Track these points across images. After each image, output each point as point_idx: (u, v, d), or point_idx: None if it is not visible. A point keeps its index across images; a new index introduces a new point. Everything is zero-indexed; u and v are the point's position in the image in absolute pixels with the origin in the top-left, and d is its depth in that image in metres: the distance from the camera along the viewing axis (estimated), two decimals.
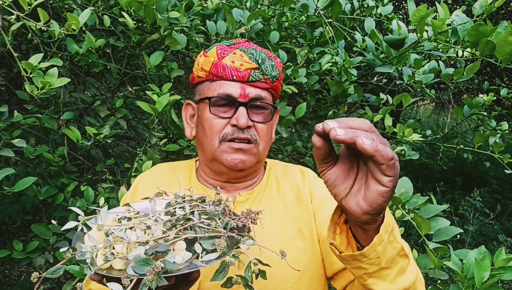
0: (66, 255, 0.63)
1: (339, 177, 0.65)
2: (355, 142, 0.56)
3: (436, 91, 4.79)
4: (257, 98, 0.97)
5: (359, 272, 0.71)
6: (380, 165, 0.58)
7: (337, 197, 0.66)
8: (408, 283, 0.74)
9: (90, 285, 0.99)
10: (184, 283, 0.72)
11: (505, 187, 6.29)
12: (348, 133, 0.56)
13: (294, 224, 1.01)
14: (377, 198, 0.61)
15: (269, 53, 1.01)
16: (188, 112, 1.08)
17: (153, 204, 0.76)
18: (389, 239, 0.68)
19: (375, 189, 0.60)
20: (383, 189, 0.60)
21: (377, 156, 0.56)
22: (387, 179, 0.59)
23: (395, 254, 0.71)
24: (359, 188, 0.64)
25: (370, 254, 0.68)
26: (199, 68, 1.01)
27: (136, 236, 0.68)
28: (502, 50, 1.22)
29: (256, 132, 0.97)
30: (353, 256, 0.69)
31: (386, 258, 0.69)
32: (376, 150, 0.56)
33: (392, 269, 0.72)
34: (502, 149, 1.77)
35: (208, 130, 0.97)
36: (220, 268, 0.65)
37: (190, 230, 0.70)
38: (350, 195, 0.64)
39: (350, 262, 0.70)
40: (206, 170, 1.05)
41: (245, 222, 0.74)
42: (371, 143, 0.55)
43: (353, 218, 0.66)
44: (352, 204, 0.64)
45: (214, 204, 0.80)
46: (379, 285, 0.72)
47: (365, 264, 0.69)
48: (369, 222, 0.65)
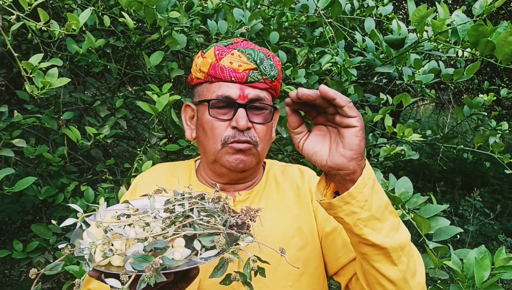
0: (64, 251, 0.63)
1: (317, 144, 0.77)
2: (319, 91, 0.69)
3: (436, 91, 4.79)
4: (256, 99, 0.96)
5: (352, 218, 0.76)
6: (342, 107, 0.70)
7: (321, 161, 0.76)
8: (402, 240, 0.80)
9: (89, 285, 0.99)
10: (183, 280, 0.72)
11: (505, 187, 6.29)
12: (311, 90, 0.70)
13: (293, 222, 1.01)
14: (353, 139, 0.71)
15: (268, 52, 1.00)
16: (188, 113, 1.08)
17: (152, 201, 0.76)
18: (373, 188, 0.76)
19: (349, 133, 0.71)
20: (354, 129, 0.71)
21: (338, 98, 0.69)
22: (354, 119, 0.71)
23: (383, 206, 0.78)
24: (336, 144, 0.75)
25: (357, 195, 0.75)
26: (197, 70, 1.01)
27: (135, 232, 0.68)
28: (502, 50, 1.22)
29: (255, 133, 0.97)
30: (342, 198, 0.75)
31: (375, 205, 0.76)
32: (336, 93, 0.69)
33: (384, 222, 0.78)
34: (502, 149, 1.77)
35: (210, 133, 0.97)
36: (219, 265, 0.65)
37: (189, 227, 0.70)
38: (332, 153, 0.75)
39: (342, 208, 0.76)
40: (208, 171, 1.05)
41: (244, 220, 0.74)
42: (331, 89, 0.69)
43: (343, 172, 0.74)
44: (337, 158, 0.74)
45: (214, 201, 0.80)
46: (374, 235, 0.77)
47: (355, 207, 0.75)
48: (356, 169, 0.74)
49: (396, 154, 1.73)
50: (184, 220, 0.71)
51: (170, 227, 0.69)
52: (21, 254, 1.55)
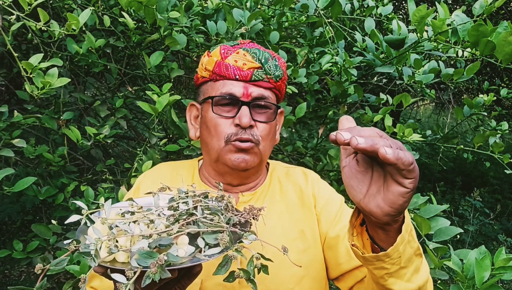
0: (70, 247, 0.64)
1: (354, 178, 0.66)
2: (377, 151, 0.56)
3: (436, 91, 4.79)
4: (260, 97, 0.97)
5: (380, 272, 0.72)
6: (401, 171, 0.58)
7: (355, 198, 0.66)
8: (422, 282, 0.77)
9: (91, 283, 0.99)
10: (186, 277, 0.72)
11: (505, 187, 6.29)
12: (368, 141, 0.56)
13: (296, 225, 1.01)
14: (398, 199, 0.61)
15: (273, 53, 1.01)
16: (192, 113, 1.08)
17: (156, 199, 0.77)
18: (408, 239, 0.70)
19: (396, 191, 0.61)
20: (404, 190, 0.61)
21: (399, 163, 0.57)
22: (408, 181, 0.60)
23: (413, 253, 0.73)
24: (377, 190, 0.64)
25: (393, 254, 0.69)
26: (203, 68, 1.01)
27: (139, 229, 0.68)
28: (502, 50, 1.22)
29: (258, 132, 0.97)
30: (377, 257, 0.70)
31: (406, 257, 0.71)
32: (398, 158, 0.56)
33: (409, 268, 0.73)
34: (502, 149, 1.77)
35: (213, 130, 0.97)
36: (223, 262, 0.65)
37: (193, 225, 0.70)
38: (368, 197, 0.65)
39: (373, 263, 0.71)
40: (210, 171, 1.05)
41: (247, 218, 0.74)
42: (392, 152, 0.56)
43: (374, 219, 0.66)
44: (373, 206, 0.64)
45: (217, 200, 0.80)
46: (397, 284, 0.74)
47: (387, 264, 0.70)
48: (390, 223, 0.66)
49: None
50: (188, 218, 0.71)
51: (174, 224, 0.69)
52: (21, 254, 1.55)
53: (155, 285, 0.64)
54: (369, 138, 0.57)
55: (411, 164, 0.58)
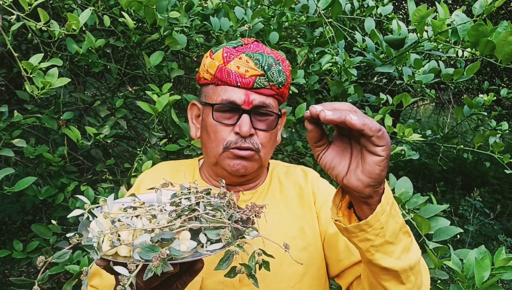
0: (72, 240, 0.64)
1: (335, 158, 0.70)
2: (344, 120, 0.61)
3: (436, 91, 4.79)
4: (261, 105, 0.95)
5: (365, 245, 0.73)
6: (370, 137, 0.63)
7: (338, 178, 0.70)
8: (413, 261, 0.78)
9: (91, 282, 0.99)
10: (187, 273, 0.72)
11: (505, 187, 6.29)
12: (335, 113, 0.62)
13: (296, 223, 1.01)
14: (374, 168, 0.65)
15: (277, 56, 0.99)
16: (194, 112, 1.08)
17: (159, 194, 0.77)
18: (390, 212, 0.72)
19: (371, 161, 0.65)
20: (378, 158, 0.65)
21: (366, 129, 0.61)
22: (380, 148, 0.64)
23: (398, 229, 0.74)
24: (356, 164, 0.68)
25: (374, 223, 0.70)
26: (204, 70, 1.00)
27: (142, 224, 0.68)
28: (502, 50, 1.22)
29: (258, 140, 0.96)
30: (358, 226, 0.72)
31: (390, 230, 0.72)
32: (364, 124, 0.61)
33: (397, 245, 0.75)
34: (502, 149, 1.77)
35: (213, 135, 0.97)
36: (225, 257, 0.65)
37: (195, 221, 0.70)
38: (350, 173, 0.69)
39: (356, 234, 0.73)
40: (210, 171, 1.06)
41: (249, 215, 0.74)
42: (358, 118, 0.61)
43: (357, 194, 0.69)
44: (353, 180, 0.68)
45: (219, 197, 0.80)
46: (385, 260, 0.75)
47: (370, 234, 0.72)
48: (372, 195, 0.69)
49: (396, 154, 1.73)
50: (190, 213, 0.72)
51: (176, 220, 0.69)
52: (21, 254, 1.55)
53: (156, 279, 0.65)
54: (337, 111, 0.62)
55: (379, 130, 0.62)
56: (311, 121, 0.68)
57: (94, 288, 1.00)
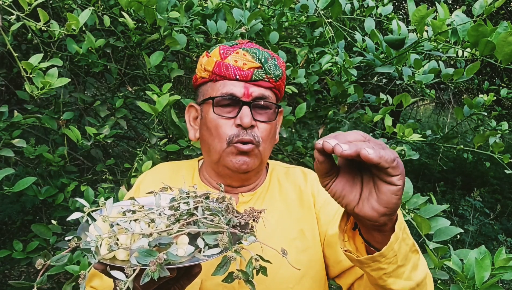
0: (71, 243, 0.64)
1: (346, 187, 0.66)
2: (360, 154, 0.57)
3: (436, 91, 4.79)
4: (261, 97, 0.97)
5: (378, 273, 0.72)
6: (386, 169, 0.60)
7: (349, 206, 0.67)
8: (420, 278, 0.77)
9: (91, 283, 0.99)
10: (185, 278, 0.72)
11: (505, 187, 6.29)
12: (352, 147, 0.58)
13: (296, 225, 1.01)
14: (391, 198, 0.62)
15: (272, 53, 1.01)
16: (191, 114, 1.08)
17: (158, 198, 0.77)
18: (402, 236, 0.70)
19: (388, 190, 0.62)
20: (394, 188, 0.61)
21: (382, 162, 0.58)
22: (395, 178, 0.61)
23: (408, 250, 0.73)
24: (369, 192, 0.65)
25: (388, 253, 0.69)
26: (201, 69, 1.01)
27: (140, 228, 0.69)
28: (502, 50, 1.22)
29: (259, 133, 0.96)
30: (372, 258, 0.70)
31: (402, 255, 0.71)
32: (380, 157, 0.58)
33: (407, 266, 0.74)
34: (502, 149, 1.77)
35: (214, 131, 0.97)
36: (222, 263, 0.65)
37: (193, 225, 0.71)
38: (362, 202, 0.65)
39: (369, 265, 0.71)
40: (211, 172, 1.05)
41: (247, 220, 0.74)
42: (374, 152, 0.58)
43: (370, 223, 0.66)
44: (367, 210, 0.64)
45: (218, 201, 0.80)
46: (397, 283, 0.74)
47: (384, 264, 0.70)
48: (386, 223, 0.66)
49: None
50: (189, 218, 0.72)
51: (175, 224, 0.69)
52: (21, 254, 1.55)
53: (154, 284, 0.65)
54: (352, 144, 0.59)
55: (393, 161, 0.59)
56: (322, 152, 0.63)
57: (94, 289, 1.00)
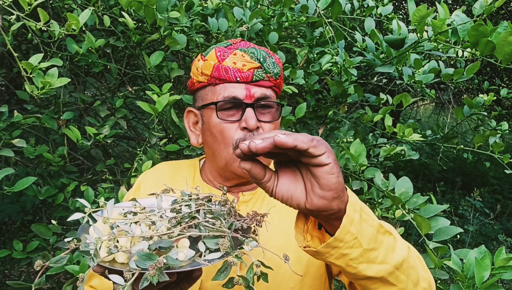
0: (70, 245, 0.64)
1: (290, 187, 0.65)
2: (274, 142, 0.57)
3: (436, 91, 4.79)
4: (263, 97, 0.96)
5: (344, 260, 0.68)
6: (306, 150, 0.58)
7: (300, 205, 0.64)
8: (399, 259, 0.73)
9: (91, 282, 0.99)
10: (185, 281, 0.72)
11: (505, 187, 6.29)
12: (266, 140, 0.58)
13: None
14: (329, 178, 0.60)
15: (268, 50, 1.00)
16: (191, 119, 1.06)
17: (159, 200, 0.77)
18: (361, 218, 0.67)
19: (322, 172, 0.60)
20: (326, 167, 0.59)
21: (298, 144, 0.57)
22: (322, 157, 0.59)
23: (375, 232, 0.69)
24: (311, 183, 0.63)
25: (344, 237, 0.65)
26: (198, 73, 0.99)
27: (140, 230, 0.68)
28: (502, 50, 1.22)
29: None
30: (329, 245, 0.66)
31: (366, 237, 0.68)
32: (295, 139, 0.57)
33: (379, 249, 0.70)
34: (502, 149, 1.77)
35: (220, 136, 0.96)
36: (222, 268, 0.65)
37: (194, 228, 0.70)
38: (309, 195, 0.63)
39: (330, 253, 0.68)
40: (215, 173, 1.04)
41: (250, 224, 0.74)
42: (287, 136, 0.57)
43: (325, 213, 0.64)
44: (317, 201, 0.62)
45: (220, 204, 0.80)
46: (370, 269, 0.70)
47: (344, 249, 0.67)
48: (340, 207, 0.64)
49: (396, 154, 1.73)
50: (190, 221, 0.71)
51: (176, 227, 0.69)
52: (21, 254, 1.55)
53: (153, 288, 0.64)
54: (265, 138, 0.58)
55: (312, 140, 0.58)
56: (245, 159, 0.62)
57: (93, 289, 1.00)
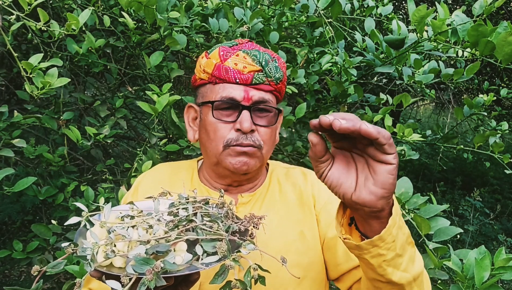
0: (67, 250, 0.64)
1: (342, 175, 0.67)
2: (359, 128, 0.59)
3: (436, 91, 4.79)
4: (261, 101, 0.95)
5: (378, 260, 0.71)
6: (382, 145, 0.61)
7: (346, 195, 0.67)
8: (417, 272, 0.76)
9: (89, 285, 0.99)
10: (183, 284, 0.72)
11: (505, 187, 6.29)
12: (349, 122, 0.59)
13: (296, 226, 1.01)
14: (387, 178, 0.63)
15: (273, 54, 0.99)
16: (190, 115, 1.07)
17: (157, 203, 0.76)
18: (399, 223, 0.70)
19: (384, 170, 0.63)
20: (390, 167, 0.63)
21: (380, 137, 0.60)
22: (391, 156, 0.62)
23: (405, 240, 0.72)
24: (365, 177, 0.65)
25: (387, 237, 0.68)
26: (201, 70, 0.99)
27: (137, 234, 0.68)
28: (502, 50, 1.22)
29: (259, 137, 0.95)
30: (372, 242, 0.69)
31: (400, 243, 0.71)
32: (379, 132, 0.59)
33: (404, 257, 0.73)
34: (502, 149, 1.77)
35: (213, 134, 0.96)
36: (220, 271, 0.65)
37: (192, 232, 0.70)
38: (359, 188, 0.66)
39: (369, 251, 0.70)
40: (210, 172, 1.04)
41: (247, 227, 0.74)
42: (373, 127, 0.59)
43: (368, 209, 0.66)
44: (365, 195, 0.65)
45: (218, 207, 0.79)
46: (395, 274, 0.73)
47: (383, 249, 0.70)
48: (384, 207, 0.66)
49: None
50: (187, 224, 0.71)
51: (173, 230, 0.69)
52: (21, 254, 1.55)
53: None
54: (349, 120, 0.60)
55: (390, 138, 0.61)
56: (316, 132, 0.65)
57: None
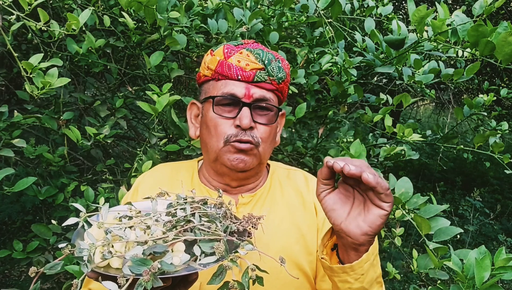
0: (64, 251, 0.64)
1: (337, 203, 0.78)
2: (361, 175, 0.70)
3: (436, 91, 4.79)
4: (262, 99, 0.96)
5: (344, 286, 0.81)
6: (380, 194, 0.72)
7: (336, 221, 0.77)
8: None
9: (89, 285, 0.99)
10: (182, 285, 0.72)
11: (505, 187, 6.29)
12: (357, 169, 0.70)
13: (297, 229, 1.01)
14: (377, 220, 0.74)
15: (277, 55, 1.00)
16: (193, 111, 1.08)
17: (155, 204, 0.76)
18: (373, 262, 0.79)
19: (376, 212, 0.73)
20: (383, 212, 0.73)
21: (378, 187, 0.71)
22: (386, 204, 0.73)
23: (375, 278, 0.82)
24: (358, 213, 0.76)
25: (357, 269, 0.78)
26: (205, 67, 1.00)
27: (135, 235, 0.68)
28: (502, 50, 1.22)
29: (258, 134, 0.96)
30: (343, 268, 0.79)
31: (368, 278, 0.80)
32: (378, 182, 0.70)
33: None
34: (502, 149, 1.77)
35: (213, 130, 0.97)
36: (218, 272, 0.65)
37: (190, 232, 0.70)
38: (350, 219, 0.76)
39: (339, 275, 0.80)
40: (210, 171, 1.04)
41: (245, 227, 0.74)
42: (373, 177, 0.70)
43: (350, 240, 0.76)
44: (353, 227, 0.75)
45: (216, 207, 0.79)
46: None
47: (351, 277, 0.79)
48: (365, 243, 0.76)
49: (396, 154, 1.73)
50: (185, 224, 0.71)
51: (171, 231, 0.69)
52: (21, 254, 1.55)
53: None
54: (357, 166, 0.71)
55: (387, 189, 0.72)
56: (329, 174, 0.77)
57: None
